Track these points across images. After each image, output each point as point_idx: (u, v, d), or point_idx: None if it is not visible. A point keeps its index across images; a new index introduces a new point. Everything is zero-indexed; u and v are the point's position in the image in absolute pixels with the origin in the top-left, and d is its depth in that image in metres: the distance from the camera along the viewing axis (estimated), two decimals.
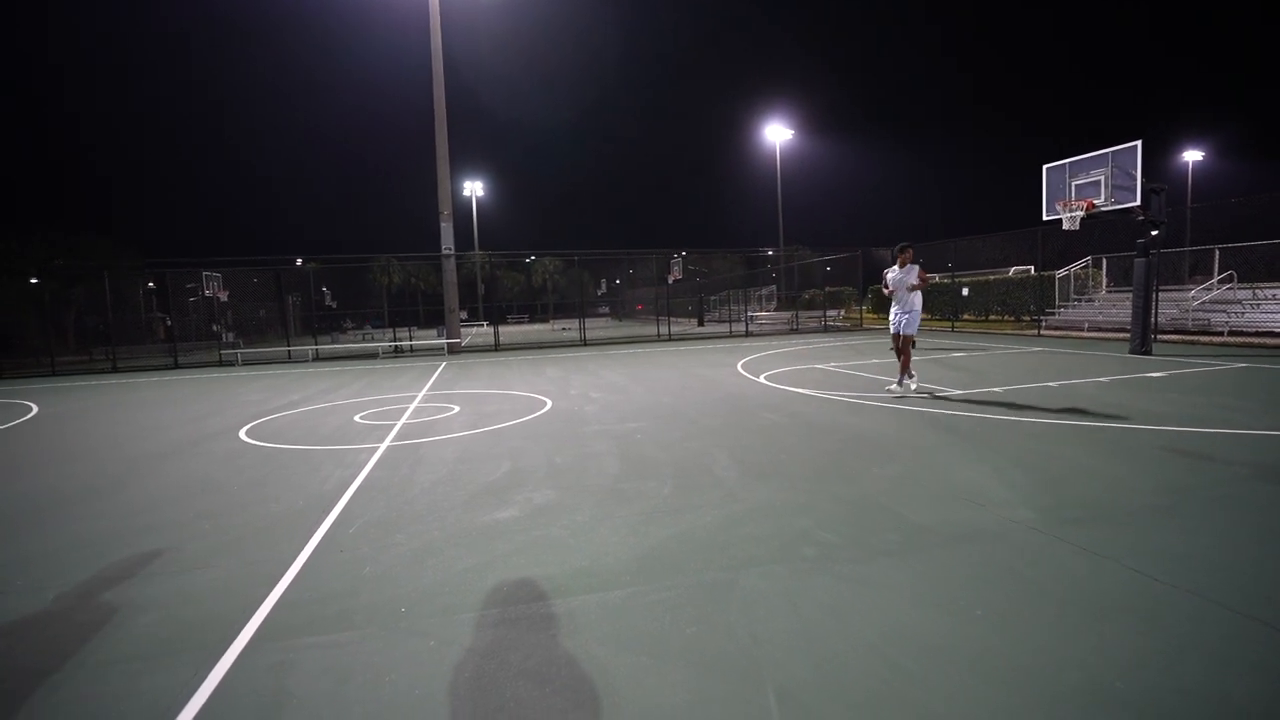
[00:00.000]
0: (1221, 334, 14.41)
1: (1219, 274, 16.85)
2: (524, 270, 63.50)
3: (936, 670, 2.20)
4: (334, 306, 35.41)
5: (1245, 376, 8.50)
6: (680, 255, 24.64)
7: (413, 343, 21.10)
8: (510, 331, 36.24)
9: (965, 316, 23.21)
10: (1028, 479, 4.32)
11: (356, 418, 7.97)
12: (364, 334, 30.38)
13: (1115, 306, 17.30)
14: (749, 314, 26.54)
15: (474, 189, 50.82)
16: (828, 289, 28.03)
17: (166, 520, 4.22)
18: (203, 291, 21.17)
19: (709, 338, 22.01)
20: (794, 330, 23.47)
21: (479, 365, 14.95)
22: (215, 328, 24.42)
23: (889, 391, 7.97)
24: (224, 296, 21.47)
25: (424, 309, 43.64)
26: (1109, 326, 16.59)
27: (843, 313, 27.21)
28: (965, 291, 22.78)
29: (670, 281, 24.52)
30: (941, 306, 22.86)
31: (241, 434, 7.20)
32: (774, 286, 35.68)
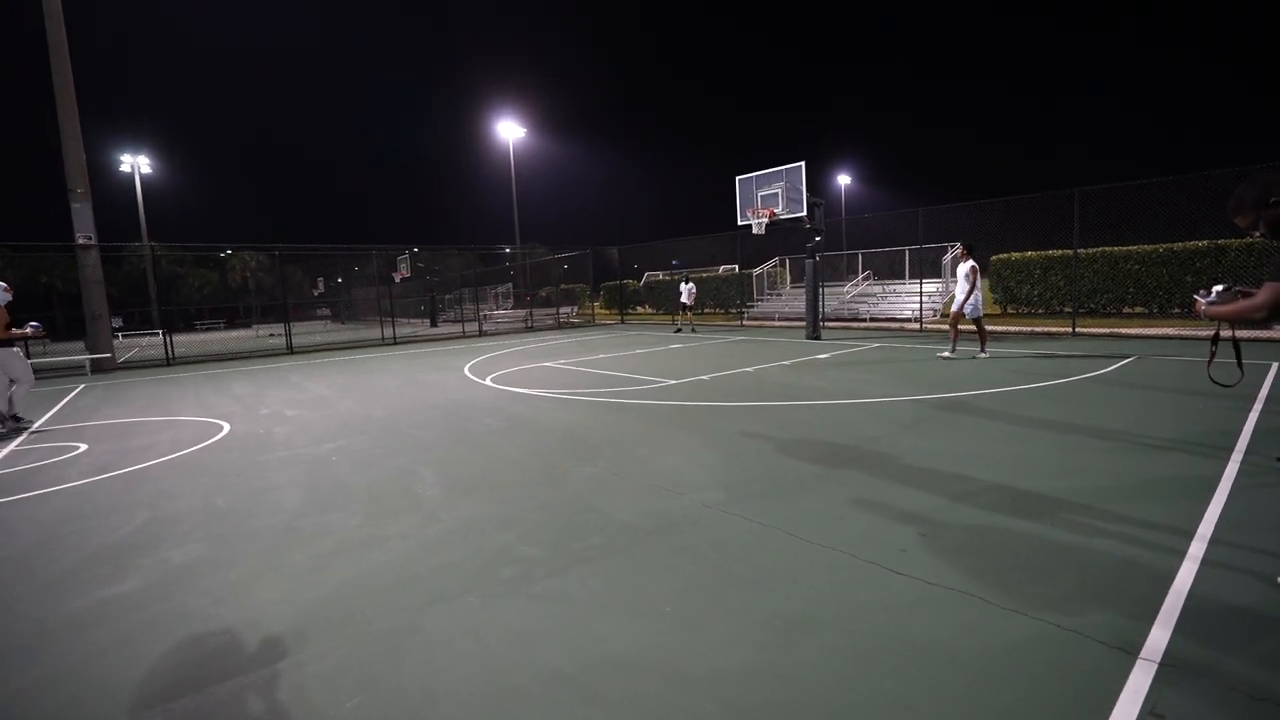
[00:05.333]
0: (866, 320, 18.16)
1: (862, 273, 21.35)
2: (218, 267, 53.48)
3: (621, 682, 2.10)
4: None
5: (878, 354, 10.70)
6: (408, 252, 22.88)
7: (32, 360, 15.90)
8: (196, 341, 30.16)
9: None
10: (720, 461, 4.69)
11: None
12: None
13: (797, 300, 20.67)
14: (484, 313, 25.86)
15: (137, 164, 40.81)
16: (562, 286, 28.69)
17: None
18: None
19: (441, 339, 20.86)
20: (529, 328, 23.48)
21: (138, 385, 11.93)
22: None
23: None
24: None
25: (65, 315, 33.93)
26: (793, 316, 19.74)
27: (576, 309, 28.12)
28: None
29: (398, 280, 22.67)
30: (664, 301, 24.96)
31: None
32: (511, 285, 35.47)
